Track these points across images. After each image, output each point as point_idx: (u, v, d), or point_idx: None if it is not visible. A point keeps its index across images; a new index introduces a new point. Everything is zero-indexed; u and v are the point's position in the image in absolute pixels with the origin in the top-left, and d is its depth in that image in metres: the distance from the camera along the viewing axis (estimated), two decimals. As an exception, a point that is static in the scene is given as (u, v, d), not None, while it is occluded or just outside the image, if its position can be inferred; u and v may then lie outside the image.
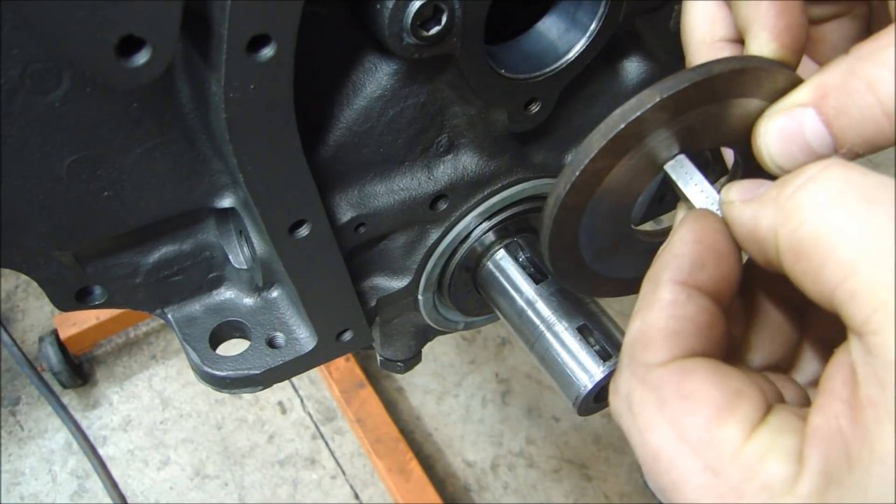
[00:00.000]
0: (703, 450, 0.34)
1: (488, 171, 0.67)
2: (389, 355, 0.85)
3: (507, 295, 0.73)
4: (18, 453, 2.11)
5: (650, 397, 0.36)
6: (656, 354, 0.37)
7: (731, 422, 0.34)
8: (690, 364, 0.36)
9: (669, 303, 0.38)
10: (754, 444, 0.33)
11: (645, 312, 0.39)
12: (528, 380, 2.28)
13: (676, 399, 0.35)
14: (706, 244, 0.39)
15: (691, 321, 0.38)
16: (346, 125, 0.58)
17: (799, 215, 0.34)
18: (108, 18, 0.38)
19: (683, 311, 0.38)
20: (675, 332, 0.37)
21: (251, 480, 2.10)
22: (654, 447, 0.35)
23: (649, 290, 0.39)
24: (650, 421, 0.36)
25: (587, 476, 2.14)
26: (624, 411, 0.37)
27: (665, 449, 0.35)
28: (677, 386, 0.36)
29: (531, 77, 0.60)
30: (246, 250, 0.65)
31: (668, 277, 0.39)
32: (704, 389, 0.35)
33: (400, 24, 0.49)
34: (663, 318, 0.38)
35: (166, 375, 2.26)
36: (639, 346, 0.38)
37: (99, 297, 0.63)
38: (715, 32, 0.45)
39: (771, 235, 0.35)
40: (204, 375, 0.67)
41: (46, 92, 0.45)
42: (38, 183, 0.50)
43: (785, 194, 0.35)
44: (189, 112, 0.52)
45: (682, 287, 0.38)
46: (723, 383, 0.35)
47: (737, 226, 0.39)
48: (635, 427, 0.37)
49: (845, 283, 0.31)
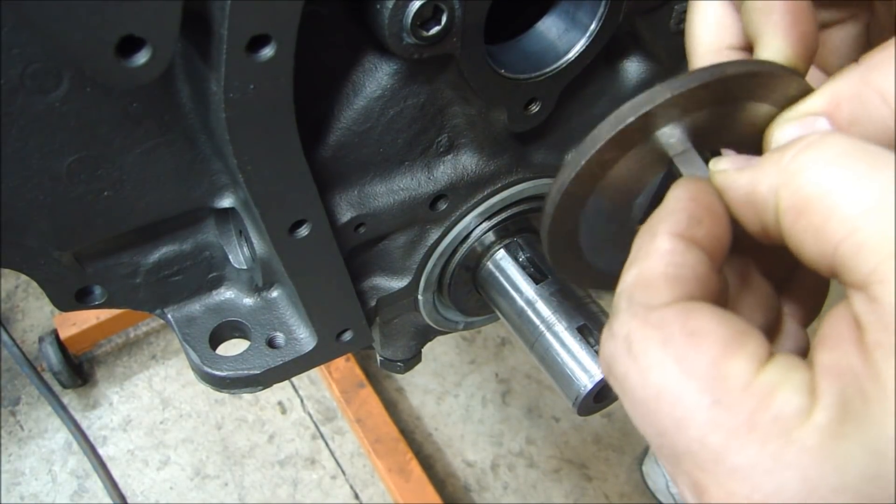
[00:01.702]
0: (711, 384, 0.33)
1: (488, 171, 0.67)
2: (389, 355, 0.85)
3: (507, 295, 0.73)
4: (18, 453, 2.11)
5: (653, 335, 0.35)
6: (658, 296, 0.36)
7: (739, 356, 0.33)
8: (693, 304, 0.36)
9: (668, 251, 0.38)
10: (765, 377, 0.33)
11: (642, 261, 0.38)
12: (528, 380, 2.28)
13: (681, 335, 0.34)
14: (701, 203, 0.39)
15: (691, 269, 0.37)
16: (346, 125, 0.58)
17: (802, 175, 0.34)
18: (108, 18, 0.38)
19: (683, 259, 0.37)
20: (675, 277, 0.37)
21: (251, 480, 2.10)
22: (656, 385, 0.34)
23: (645, 241, 0.39)
24: (653, 359, 0.35)
25: (587, 476, 2.14)
26: (622, 353, 0.36)
27: (669, 385, 0.34)
28: (682, 323, 0.35)
29: (531, 77, 0.60)
30: (246, 250, 0.65)
31: (665, 229, 0.38)
32: (711, 327, 0.34)
33: (400, 24, 0.49)
34: (662, 264, 0.37)
35: (166, 375, 2.26)
36: (638, 289, 0.37)
37: (99, 297, 0.63)
38: (723, 39, 0.45)
39: (771, 196, 0.36)
40: (204, 375, 0.67)
41: (46, 92, 0.45)
42: (38, 183, 0.50)
43: (787, 157, 0.35)
44: (189, 112, 0.52)
45: (680, 238, 0.38)
46: (728, 322, 0.35)
47: (731, 190, 0.39)
48: (635, 367, 0.35)
49: (850, 237, 0.32)
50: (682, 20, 0.66)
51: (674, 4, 0.64)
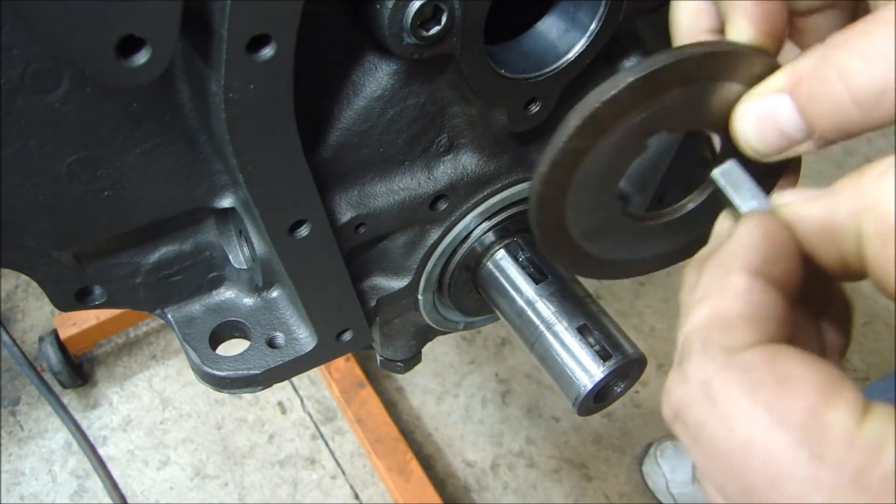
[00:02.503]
0: (810, 436, 0.30)
1: (488, 171, 0.67)
2: (389, 355, 0.85)
3: (507, 295, 0.73)
4: (18, 453, 2.11)
5: (737, 381, 0.32)
6: (739, 338, 0.33)
7: (838, 406, 0.30)
8: (780, 348, 0.33)
9: (745, 290, 0.35)
10: (869, 430, 0.30)
11: (716, 298, 0.35)
12: (528, 380, 2.28)
13: (772, 381, 0.31)
14: (777, 240, 0.37)
15: (769, 309, 0.35)
16: (345, 125, 0.58)
17: (887, 201, 0.32)
18: (108, 18, 0.38)
19: (762, 298, 0.35)
20: (755, 318, 0.34)
21: (251, 480, 2.10)
22: (744, 436, 0.31)
23: (717, 277, 0.36)
24: (740, 407, 0.31)
25: (587, 476, 2.14)
26: (697, 400, 0.33)
27: (761, 437, 0.30)
28: (770, 368, 0.32)
29: (531, 77, 0.60)
30: (246, 250, 0.65)
31: (739, 266, 0.36)
32: (803, 372, 0.31)
33: (400, 24, 0.49)
34: (740, 303, 0.34)
35: (166, 375, 2.26)
36: (715, 330, 0.34)
37: (99, 297, 0.63)
38: (700, 24, 0.45)
39: (851, 223, 0.33)
40: (204, 375, 0.67)
41: (46, 92, 0.45)
42: (38, 183, 0.50)
43: (866, 181, 0.33)
44: (189, 112, 0.52)
45: (756, 277, 0.35)
46: (820, 368, 0.32)
47: (804, 223, 0.37)
48: (716, 415, 0.32)
49: None
50: (682, 20, 0.66)
51: (674, 4, 0.64)
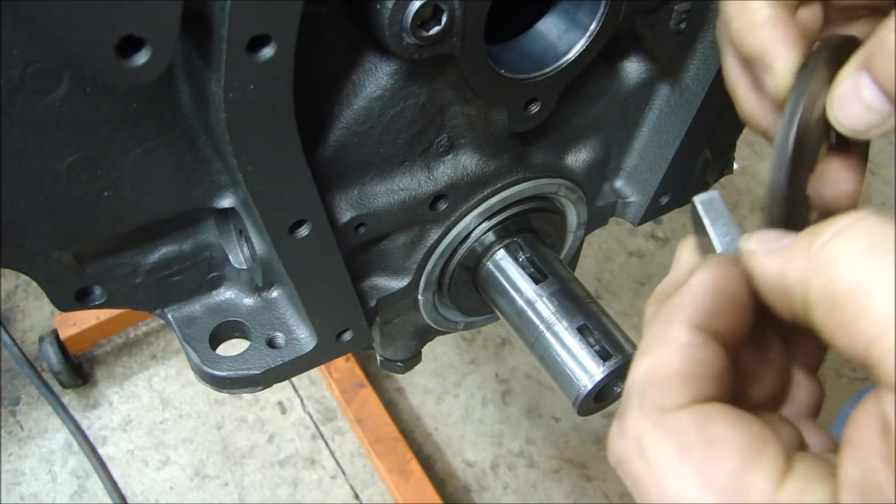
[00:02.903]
0: (731, 499, 0.32)
1: (488, 171, 0.67)
2: (389, 355, 0.85)
3: (507, 295, 0.73)
4: (18, 453, 2.11)
5: (668, 443, 0.34)
6: (673, 397, 0.35)
7: (759, 469, 0.33)
8: (710, 409, 0.35)
9: (685, 345, 0.36)
10: (786, 493, 0.32)
11: (657, 351, 0.37)
12: (528, 380, 2.28)
13: (699, 445, 0.33)
14: (726, 293, 0.38)
15: (707, 367, 0.36)
16: (345, 125, 0.58)
17: (832, 267, 0.33)
18: (108, 18, 0.38)
19: (700, 355, 0.36)
20: (691, 375, 0.36)
21: (251, 480, 2.09)
22: (673, 495, 0.33)
23: (660, 328, 0.37)
24: (669, 467, 0.34)
25: (587, 476, 2.14)
26: (633, 456, 0.35)
27: (688, 496, 0.33)
28: (699, 431, 0.34)
29: (531, 77, 0.60)
30: (246, 250, 0.65)
31: (683, 318, 0.37)
32: (729, 435, 0.34)
33: (400, 24, 0.49)
34: (679, 360, 0.36)
35: (166, 375, 2.26)
36: (652, 388, 0.36)
37: (99, 297, 0.63)
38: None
39: (801, 287, 0.35)
40: (204, 375, 0.67)
41: (46, 92, 0.45)
42: (38, 183, 0.50)
43: (816, 245, 0.34)
44: (189, 112, 0.52)
45: (699, 331, 0.37)
46: (746, 429, 0.34)
47: (761, 276, 0.38)
48: (650, 473, 0.34)
49: (882, 337, 0.31)
50: (682, 20, 0.66)
51: (674, 5, 0.64)
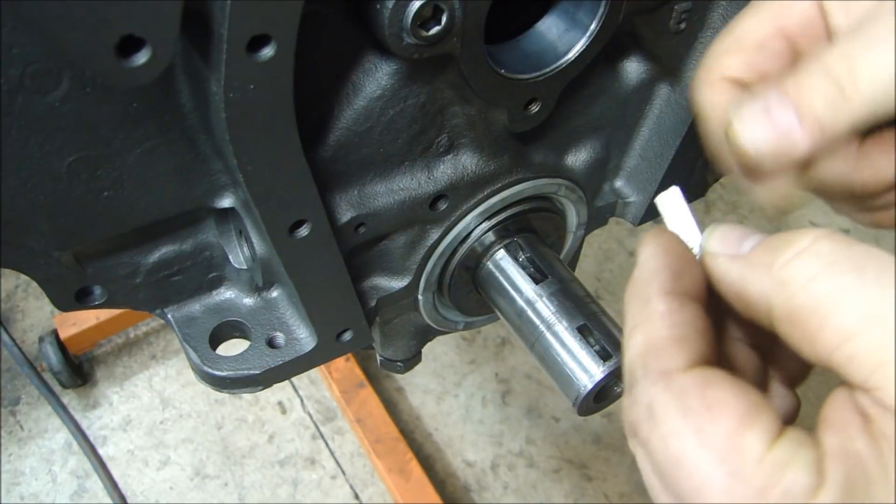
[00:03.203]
0: (726, 456, 0.35)
1: (488, 171, 0.67)
2: (389, 355, 0.85)
3: (507, 295, 0.73)
4: (18, 453, 2.11)
5: (673, 405, 0.37)
6: (672, 360, 0.38)
7: (753, 431, 0.36)
8: (710, 374, 0.38)
9: (666, 312, 0.40)
10: (777, 453, 0.35)
11: (644, 325, 0.40)
12: (528, 380, 2.28)
13: (700, 408, 0.37)
14: (675, 254, 0.42)
15: (691, 325, 0.40)
16: (345, 125, 0.58)
17: (793, 285, 0.36)
18: (108, 18, 0.38)
19: (681, 317, 0.40)
20: (681, 338, 0.39)
21: (251, 480, 2.10)
22: (676, 452, 0.37)
23: (639, 305, 0.41)
24: (673, 428, 0.37)
25: (587, 476, 2.14)
26: (644, 419, 0.38)
27: (688, 454, 0.36)
28: (701, 395, 0.37)
29: (531, 77, 0.60)
30: (246, 250, 0.65)
31: (655, 290, 0.40)
32: (727, 399, 0.37)
33: (400, 24, 0.49)
34: (665, 326, 0.39)
35: (166, 375, 2.26)
36: (651, 356, 0.39)
37: (99, 297, 0.63)
38: None
39: (762, 301, 0.38)
40: (204, 375, 0.67)
41: (46, 92, 0.45)
42: (38, 183, 0.50)
43: (777, 264, 0.37)
44: (189, 112, 0.52)
45: (672, 296, 0.40)
46: (744, 395, 0.37)
47: (721, 280, 0.41)
48: (656, 433, 0.38)
49: (843, 347, 0.34)
50: (682, 20, 0.66)
51: (674, 5, 0.64)
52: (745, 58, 0.45)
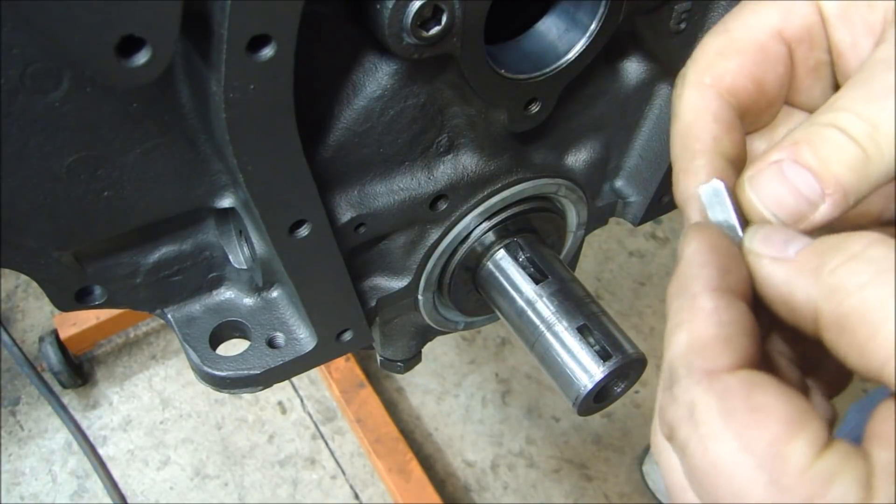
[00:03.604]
0: (770, 463, 0.34)
1: (488, 171, 0.67)
2: (389, 355, 0.85)
3: (507, 295, 0.73)
4: (18, 453, 2.11)
5: (716, 406, 0.36)
6: (718, 360, 0.37)
7: (800, 438, 0.34)
8: (757, 377, 0.36)
9: (713, 310, 0.38)
10: (824, 463, 0.33)
11: (689, 324, 0.38)
12: (528, 380, 2.28)
13: (745, 410, 0.35)
14: (722, 250, 0.39)
15: (739, 325, 0.38)
16: (346, 125, 0.58)
17: (842, 292, 0.34)
18: (108, 18, 0.38)
19: (728, 315, 0.38)
20: (727, 336, 0.37)
21: (251, 480, 2.10)
22: (715, 456, 0.35)
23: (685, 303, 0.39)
24: (714, 430, 0.35)
25: (587, 476, 2.14)
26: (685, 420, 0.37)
27: (729, 458, 0.34)
28: (746, 397, 0.35)
29: (531, 77, 0.60)
30: (246, 250, 0.65)
31: (701, 287, 0.38)
32: (774, 404, 0.35)
33: (400, 24, 0.49)
34: (712, 325, 0.37)
35: (166, 375, 2.26)
36: (695, 355, 0.37)
37: (99, 297, 0.63)
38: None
39: (809, 307, 0.36)
40: (204, 375, 0.67)
41: (46, 92, 0.45)
42: (38, 183, 0.50)
43: (826, 269, 0.35)
44: (189, 112, 0.52)
45: (720, 293, 0.38)
46: (791, 400, 0.35)
47: (764, 282, 0.39)
48: (696, 435, 0.36)
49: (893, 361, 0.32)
50: (682, 20, 0.66)
51: (674, 4, 0.64)
52: (743, 62, 0.43)
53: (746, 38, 0.43)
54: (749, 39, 0.43)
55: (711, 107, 0.43)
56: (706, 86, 0.43)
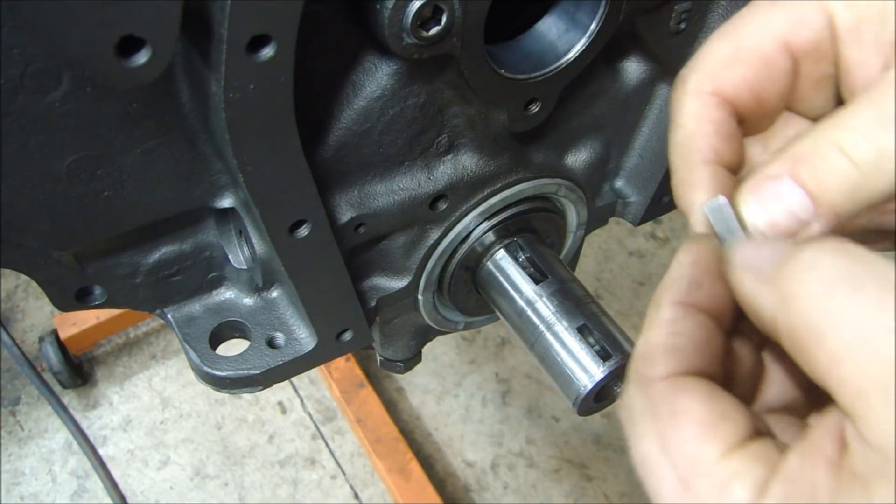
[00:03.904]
0: (679, 462, 0.36)
1: (488, 171, 0.67)
2: (389, 355, 0.85)
3: (506, 295, 0.73)
4: (18, 453, 2.11)
5: (646, 409, 0.39)
6: (655, 369, 0.39)
7: (710, 440, 0.36)
8: (684, 382, 0.39)
9: (668, 320, 0.40)
10: (726, 465, 0.35)
11: (648, 331, 0.41)
12: (528, 380, 2.28)
13: (667, 414, 0.38)
14: (702, 265, 0.41)
15: (688, 337, 0.40)
16: (346, 125, 0.58)
17: (793, 303, 0.35)
18: (108, 18, 0.38)
19: (681, 327, 0.40)
20: (673, 347, 0.39)
21: (251, 480, 2.10)
22: (641, 454, 0.38)
23: (652, 311, 0.41)
24: (642, 430, 0.38)
25: (587, 476, 2.14)
26: (625, 419, 0.40)
27: (649, 457, 0.38)
28: (670, 401, 0.38)
29: (531, 77, 0.60)
30: (246, 250, 0.65)
31: (667, 299, 0.41)
32: (693, 408, 0.37)
33: (400, 24, 0.49)
34: (662, 334, 0.40)
35: (166, 375, 2.27)
36: (641, 361, 0.40)
37: (99, 297, 0.63)
38: None
39: (769, 316, 0.37)
40: (204, 375, 0.67)
41: (46, 92, 0.45)
42: (38, 183, 0.50)
43: (780, 279, 0.36)
44: (189, 112, 0.52)
45: (680, 306, 0.40)
46: (710, 404, 0.37)
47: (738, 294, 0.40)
48: (632, 436, 0.39)
49: (834, 371, 0.33)
50: (682, 20, 0.66)
51: (674, 5, 0.64)
52: (746, 73, 0.42)
53: (752, 47, 0.42)
54: (755, 49, 0.42)
55: (712, 116, 0.43)
56: (707, 94, 0.43)
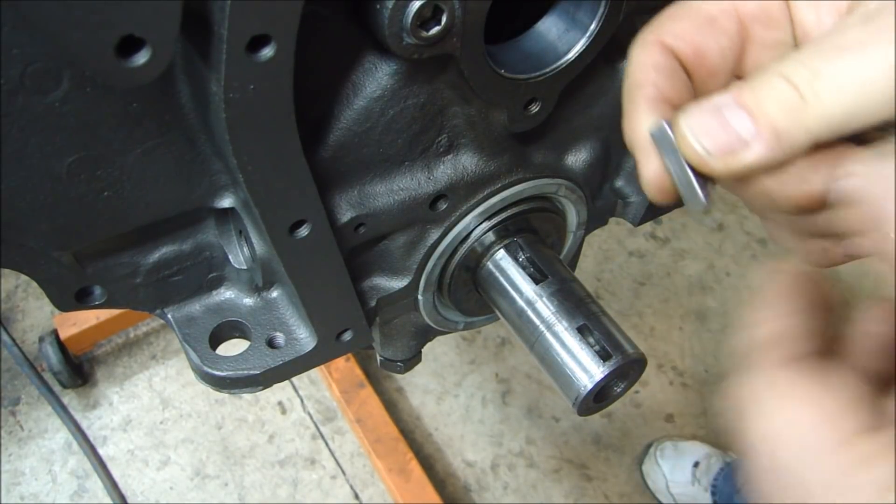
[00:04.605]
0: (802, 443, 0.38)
1: (488, 171, 0.67)
2: (389, 355, 0.85)
3: (506, 295, 0.73)
4: (18, 453, 2.11)
5: (768, 393, 0.41)
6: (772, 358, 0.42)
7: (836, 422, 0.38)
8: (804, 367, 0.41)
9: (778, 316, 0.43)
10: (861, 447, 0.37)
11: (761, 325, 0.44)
12: (528, 380, 2.28)
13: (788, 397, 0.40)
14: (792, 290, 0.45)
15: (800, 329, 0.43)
16: (346, 125, 0.58)
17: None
18: (108, 18, 0.38)
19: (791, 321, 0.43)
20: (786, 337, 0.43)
21: (251, 480, 2.10)
22: (762, 434, 0.40)
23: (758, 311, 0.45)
24: (766, 412, 0.40)
25: (587, 476, 2.14)
26: (741, 404, 0.42)
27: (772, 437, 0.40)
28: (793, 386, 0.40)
29: (531, 77, 0.60)
30: (246, 250, 0.65)
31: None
32: (813, 393, 0.40)
33: (400, 24, 0.49)
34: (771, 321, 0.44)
35: (166, 375, 2.26)
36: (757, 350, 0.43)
37: (99, 297, 0.63)
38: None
39: None
40: (204, 375, 0.67)
41: (46, 92, 0.45)
42: (38, 183, 0.50)
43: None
44: (189, 112, 0.52)
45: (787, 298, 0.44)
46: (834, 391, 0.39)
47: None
48: (749, 416, 0.41)
49: None
50: (682, 20, 0.66)
51: (674, 4, 0.64)
52: (689, 27, 0.44)
53: (697, 6, 0.44)
54: (699, 7, 0.44)
55: (654, 59, 0.44)
56: (649, 42, 0.44)
